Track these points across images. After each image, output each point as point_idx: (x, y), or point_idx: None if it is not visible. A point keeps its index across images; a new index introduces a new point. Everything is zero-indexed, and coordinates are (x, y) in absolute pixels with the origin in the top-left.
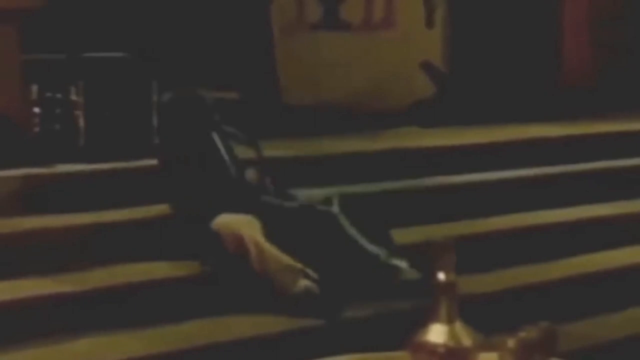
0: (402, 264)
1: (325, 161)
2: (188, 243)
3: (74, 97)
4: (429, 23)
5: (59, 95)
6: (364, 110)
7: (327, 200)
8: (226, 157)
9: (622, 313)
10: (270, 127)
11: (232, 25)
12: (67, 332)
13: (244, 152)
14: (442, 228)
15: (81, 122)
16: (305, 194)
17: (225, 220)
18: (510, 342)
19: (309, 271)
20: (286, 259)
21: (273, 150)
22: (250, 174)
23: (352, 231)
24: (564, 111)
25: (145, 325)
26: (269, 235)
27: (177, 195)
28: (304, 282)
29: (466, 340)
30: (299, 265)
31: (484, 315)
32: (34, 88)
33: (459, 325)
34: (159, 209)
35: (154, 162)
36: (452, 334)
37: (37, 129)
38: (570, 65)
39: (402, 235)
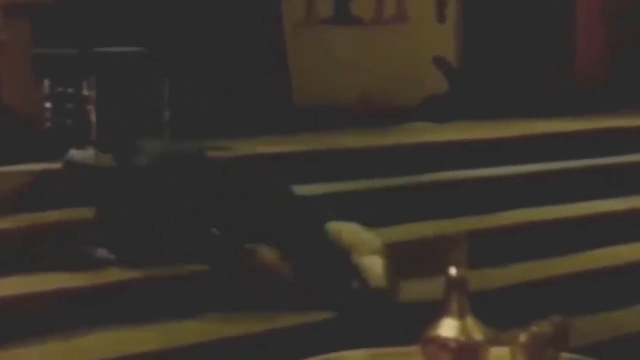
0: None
1: (336, 156)
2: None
3: (85, 92)
4: (441, 18)
5: (70, 90)
6: (376, 106)
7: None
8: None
9: (633, 308)
10: (280, 122)
11: (243, 22)
12: (76, 327)
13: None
14: (453, 223)
15: (92, 117)
16: None
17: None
18: (522, 337)
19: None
20: None
21: (282, 145)
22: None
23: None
24: (575, 106)
25: (155, 320)
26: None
27: (177, 197)
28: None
29: (477, 334)
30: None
31: (495, 310)
32: (46, 83)
33: (470, 320)
34: None
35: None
36: (463, 329)
37: (48, 124)
38: (583, 60)
39: (414, 230)
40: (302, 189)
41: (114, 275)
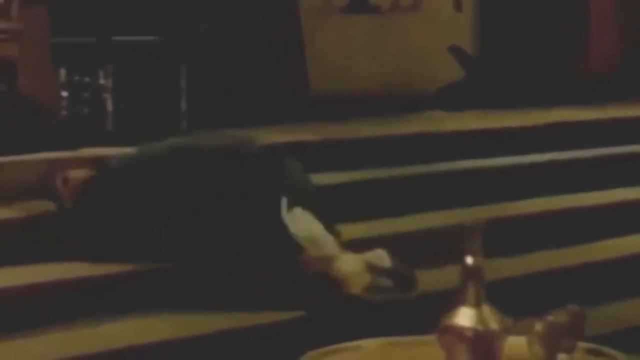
0: None
1: (352, 145)
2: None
3: (102, 81)
4: (457, 6)
5: (87, 79)
6: (392, 94)
7: None
8: None
9: None
10: (296, 111)
11: (260, 11)
12: (88, 317)
13: None
14: (468, 212)
15: (109, 106)
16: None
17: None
18: (539, 326)
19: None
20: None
21: (299, 134)
22: None
23: None
24: (590, 96)
25: (170, 310)
26: None
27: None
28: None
29: (494, 323)
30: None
31: (512, 299)
32: (62, 71)
33: (486, 309)
34: None
35: None
36: (480, 318)
37: (64, 113)
38: (597, 50)
39: (431, 220)
40: (317, 178)
41: (124, 265)
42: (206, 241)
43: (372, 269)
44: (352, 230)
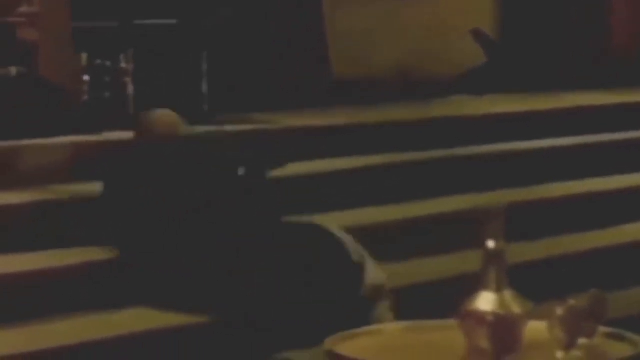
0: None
1: (376, 130)
2: None
3: (123, 65)
4: None
5: (108, 63)
6: (414, 79)
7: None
8: None
9: None
10: (318, 96)
11: None
12: (108, 302)
13: None
14: (493, 196)
15: (130, 90)
16: None
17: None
18: (560, 310)
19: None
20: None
21: (323, 119)
22: None
23: None
24: (611, 80)
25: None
26: None
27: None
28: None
29: (515, 308)
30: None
31: (534, 283)
32: (84, 56)
33: (508, 293)
34: None
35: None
36: (501, 302)
37: (86, 97)
38: (619, 34)
39: (454, 203)
40: (340, 162)
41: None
42: (208, 239)
43: None
44: (372, 214)
